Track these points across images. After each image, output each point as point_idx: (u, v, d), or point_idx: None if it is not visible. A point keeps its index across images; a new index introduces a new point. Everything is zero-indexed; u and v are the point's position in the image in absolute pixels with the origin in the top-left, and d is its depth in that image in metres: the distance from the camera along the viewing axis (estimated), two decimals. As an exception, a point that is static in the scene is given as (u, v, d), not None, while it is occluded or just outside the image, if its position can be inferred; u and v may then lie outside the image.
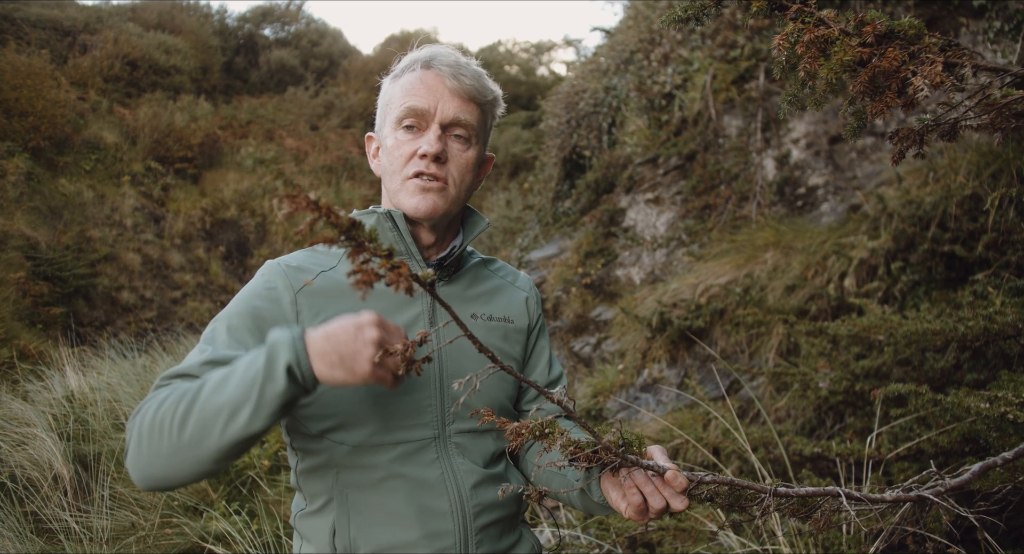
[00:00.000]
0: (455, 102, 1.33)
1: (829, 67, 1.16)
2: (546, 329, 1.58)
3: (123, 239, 13.08)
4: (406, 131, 1.34)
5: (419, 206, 1.32)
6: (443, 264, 1.39)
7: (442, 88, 1.33)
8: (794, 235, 4.76)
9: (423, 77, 1.34)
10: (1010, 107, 1.20)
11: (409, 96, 1.33)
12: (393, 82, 1.39)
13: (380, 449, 1.26)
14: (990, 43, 3.87)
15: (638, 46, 7.85)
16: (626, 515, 1.11)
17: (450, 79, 1.33)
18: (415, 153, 1.33)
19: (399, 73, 1.39)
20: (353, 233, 0.77)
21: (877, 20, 1.16)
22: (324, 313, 1.27)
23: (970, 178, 3.44)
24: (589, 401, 5.26)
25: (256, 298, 1.27)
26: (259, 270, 1.34)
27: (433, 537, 1.25)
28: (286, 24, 22.37)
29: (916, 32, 1.15)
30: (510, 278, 1.55)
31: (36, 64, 13.45)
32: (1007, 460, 1.62)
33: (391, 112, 1.37)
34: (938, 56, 1.12)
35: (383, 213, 1.35)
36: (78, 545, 3.87)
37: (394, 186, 1.36)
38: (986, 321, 2.15)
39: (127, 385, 6.64)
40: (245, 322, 1.24)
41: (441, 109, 1.33)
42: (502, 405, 1.40)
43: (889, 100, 1.16)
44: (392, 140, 1.36)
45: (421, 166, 1.32)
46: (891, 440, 2.66)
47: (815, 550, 2.35)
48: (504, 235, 11.50)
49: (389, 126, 1.37)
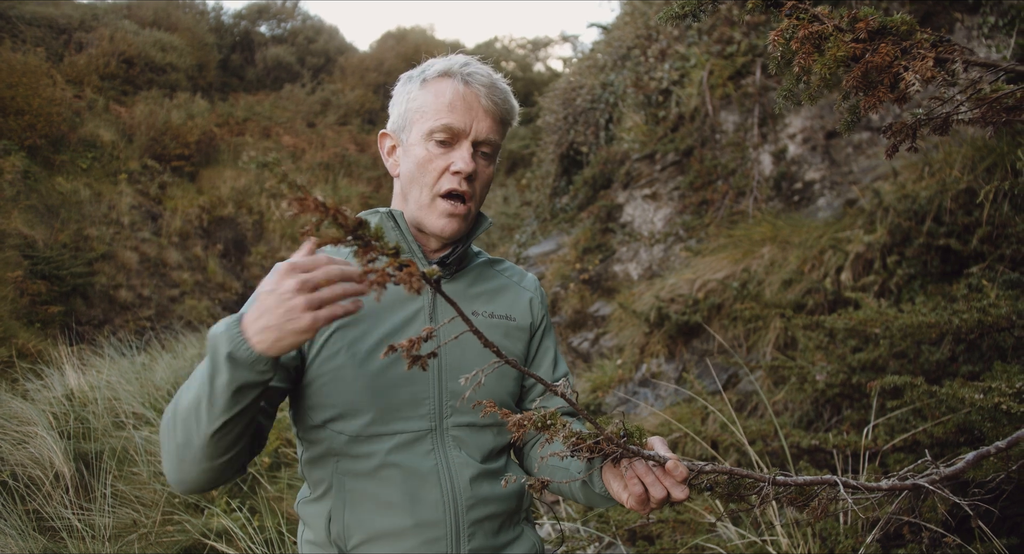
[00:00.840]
0: (488, 122, 1.37)
1: (823, 62, 1.18)
2: (552, 330, 1.60)
3: (120, 237, 13.07)
4: (439, 145, 1.36)
5: (445, 229, 1.37)
6: (445, 262, 1.41)
7: (478, 107, 1.36)
8: (791, 230, 4.79)
9: (462, 93, 1.35)
10: (1000, 101, 1.22)
11: (446, 110, 1.35)
12: (424, 87, 1.39)
13: (377, 439, 1.29)
14: (984, 38, 3.89)
15: (635, 42, 7.86)
16: (628, 505, 1.13)
17: (486, 99, 1.36)
18: (447, 169, 1.35)
19: (431, 78, 1.39)
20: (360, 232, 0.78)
21: (870, 17, 1.18)
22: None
23: (965, 172, 3.47)
24: (588, 396, 5.28)
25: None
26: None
27: (423, 526, 1.28)
28: (282, 21, 22.33)
29: (908, 28, 1.17)
30: (516, 278, 1.57)
31: (32, 62, 13.42)
32: (1000, 449, 1.65)
33: (423, 121, 1.37)
34: (929, 52, 1.14)
35: (385, 213, 1.39)
36: (80, 543, 3.89)
37: (422, 199, 1.38)
38: (980, 314, 2.18)
39: (126, 383, 6.66)
40: None
41: (476, 129, 1.36)
42: (503, 401, 1.42)
43: (882, 95, 1.18)
44: (424, 151, 1.37)
45: (454, 183, 1.35)
46: (887, 432, 2.69)
47: (813, 540, 2.38)
48: (502, 231, 11.52)
49: (419, 134, 1.38)
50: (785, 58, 1.26)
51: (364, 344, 1.31)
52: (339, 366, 1.29)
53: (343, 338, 1.31)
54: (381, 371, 1.30)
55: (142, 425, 5.57)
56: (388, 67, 21.08)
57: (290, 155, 17.79)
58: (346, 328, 1.31)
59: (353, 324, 1.32)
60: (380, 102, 20.69)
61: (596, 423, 1.10)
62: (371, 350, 1.31)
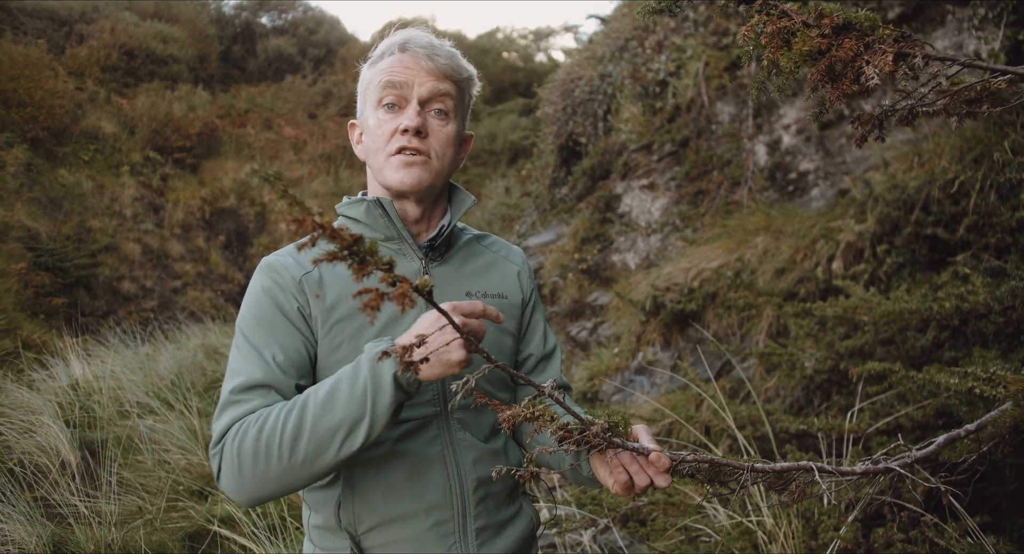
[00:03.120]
0: (431, 81, 1.37)
1: (789, 57, 1.23)
2: (540, 302, 1.61)
3: (123, 229, 13.15)
4: (387, 110, 1.38)
5: (404, 179, 1.36)
6: (434, 245, 1.43)
7: (418, 68, 1.37)
8: (784, 219, 4.84)
9: (400, 59, 1.38)
10: (960, 94, 1.27)
11: (387, 77, 1.37)
12: (371, 67, 1.43)
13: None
14: (975, 30, 3.93)
15: (632, 33, 7.88)
16: (612, 490, 1.17)
17: (425, 59, 1.37)
18: (396, 130, 1.36)
19: (376, 59, 1.42)
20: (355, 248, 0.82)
21: (835, 13, 1.24)
22: (329, 297, 1.33)
23: (953, 162, 3.51)
24: (585, 384, 5.35)
25: (267, 295, 1.33)
26: (255, 273, 1.39)
27: (432, 509, 1.31)
28: (283, 12, 22.28)
29: (871, 24, 1.22)
30: (503, 252, 1.59)
31: (33, 54, 13.45)
32: (970, 431, 1.71)
33: (371, 94, 1.41)
34: (890, 46, 1.19)
35: (372, 201, 1.39)
36: (87, 529, 3.96)
37: (378, 164, 1.40)
38: (958, 300, 2.24)
39: (131, 373, 6.74)
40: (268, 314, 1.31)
41: (419, 88, 1.37)
42: (501, 378, 1.45)
43: (846, 88, 1.24)
44: (374, 120, 1.39)
45: (403, 141, 1.36)
46: (872, 416, 2.75)
47: (796, 521, 2.45)
48: (503, 222, 11.56)
49: (370, 108, 1.41)
50: (756, 53, 1.31)
51: (365, 335, 1.32)
52: (342, 359, 1.30)
53: (343, 330, 1.32)
54: None
55: (146, 414, 5.64)
56: (389, 58, 21.01)
57: (292, 146, 17.82)
58: (345, 320, 1.32)
59: (351, 316, 1.33)
60: (381, 93, 20.66)
61: (582, 418, 1.14)
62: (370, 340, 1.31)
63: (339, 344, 1.31)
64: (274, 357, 1.26)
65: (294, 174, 16.98)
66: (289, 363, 1.27)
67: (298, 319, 1.31)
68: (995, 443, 1.74)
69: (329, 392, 1.16)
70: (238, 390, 1.24)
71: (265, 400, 1.23)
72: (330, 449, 1.15)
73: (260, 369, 1.25)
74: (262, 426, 1.17)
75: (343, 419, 1.14)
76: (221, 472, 1.21)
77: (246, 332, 1.30)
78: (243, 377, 1.24)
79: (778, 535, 2.42)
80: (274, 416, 1.17)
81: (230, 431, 1.21)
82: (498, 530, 1.40)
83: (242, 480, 1.18)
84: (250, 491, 1.19)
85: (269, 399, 1.23)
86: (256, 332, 1.29)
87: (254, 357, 1.26)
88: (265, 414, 1.19)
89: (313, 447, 1.15)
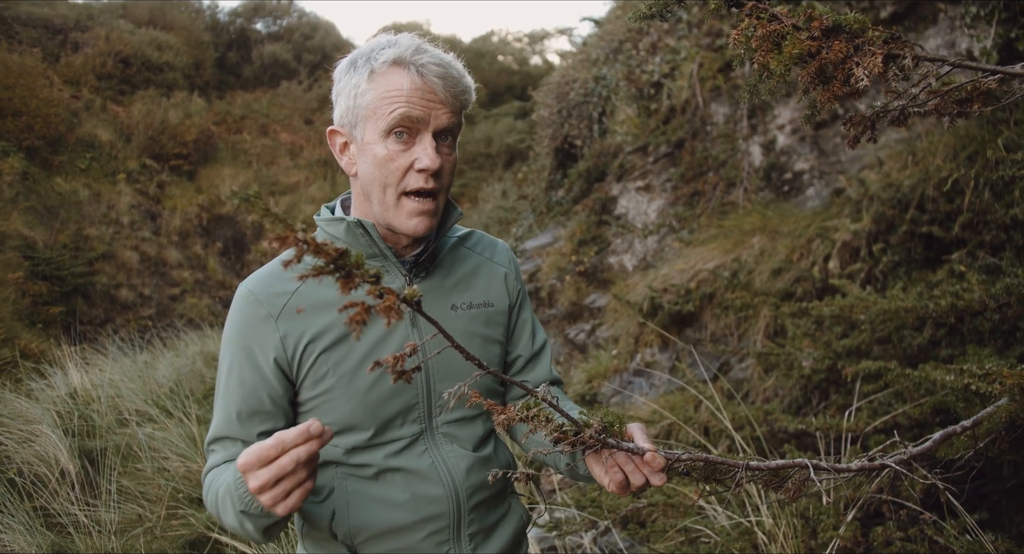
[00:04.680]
0: (447, 114, 1.29)
1: (779, 59, 1.24)
2: (528, 300, 1.59)
3: (120, 237, 13.14)
4: (397, 140, 1.28)
5: (417, 228, 1.31)
6: (419, 260, 1.38)
7: (435, 99, 1.27)
8: (780, 219, 4.85)
9: (417, 87, 1.26)
10: (950, 94, 1.28)
11: (399, 104, 1.25)
12: (373, 79, 1.28)
13: (374, 449, 1.34)
14: (967, 28, 3.94)
15: (627, 36, 7.90)
16: (608, 489, 1.18)
17: (443, 91, 1.27)
18: (411, 166, 1.28)
19: (379, 69, 1.27)
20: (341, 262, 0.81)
21: (824, 15, 1.25)
22: (310, 331, 1.31)
23: (947, 160, 3.53)
24: (584, 386, 5.35)
25: (242, 338, 1.33)
26: (233, 303, 1.36)
27: (428, 521, 1.33)
28: (278, 18, 22.31)
29: (860, 26, 1.23)
30: (488, 253, 1.53)
31: (28, 63, 13.46)
32: (966, 427, 1.71)
33: (377, 118, 1.28)
34: (880, 48, 1.20)
35: (353, 222, 1.32)
36: (87, 538, 3.96)
37: (383, 199, 1.31)
38: (953, 298, 2.25)
39: (129, 381, 6.72)
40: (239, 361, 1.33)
41: (435, 120, 1.28)
42: (489, 387, 1.45)
43: (836, 89, 1.25)
44: (384, 150, 1.28)
45: (420, 182, 1.28)
46: (870, 415, 2.76)
47: (795, 520, 2.45)
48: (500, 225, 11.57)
49: (375, 132, 1.29)
50: (747, 55, 1.32)
51: (348, 363, 1.31)
52: (328, 388, 1.31)
53: (328, 361, 1.31)
54: (370, 387, 1.31)
55: (145, 422, 5.64)
56: (384, 63, 21.03)
57: (288, 152, 17.83)
58: (330, 351, 1.31)
59: (336, 344, 1.31)
60: (377, 98, 20.68)
61: (575, 421, 1.14)
62: (356, 367, 1.31)
63: (324, 374, 1.31)
64: (239, 412, 1.31)
65: (291, 180, 17.00)
66: (252, 415, 1.32)
67: (270, 369, 1.31)
68: (991, 439, 1.74)
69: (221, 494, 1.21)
70: (210, 441, 1.35)
71: (227, 453, 1.31)
72: (243, 531, 1.20)
73: (225, 423, 1.32)
74: (207, 490, 1.28)
75: (234, 522, 1.20)
76: None
77: (221, 369, 1.36)
78: (213, 430, 1.34)
79: (777, 535, 2.43)
80: (209, 488, 1.28)
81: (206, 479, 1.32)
82: (489, 532, 1.42)
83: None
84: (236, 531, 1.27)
85: (231, 451, 1.31)
86: (227, 379, 1.34)
87: (221, 409, 1.33)
88: (210, 478, 1.29)
89: (231, 526, 1.22)
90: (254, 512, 1.12)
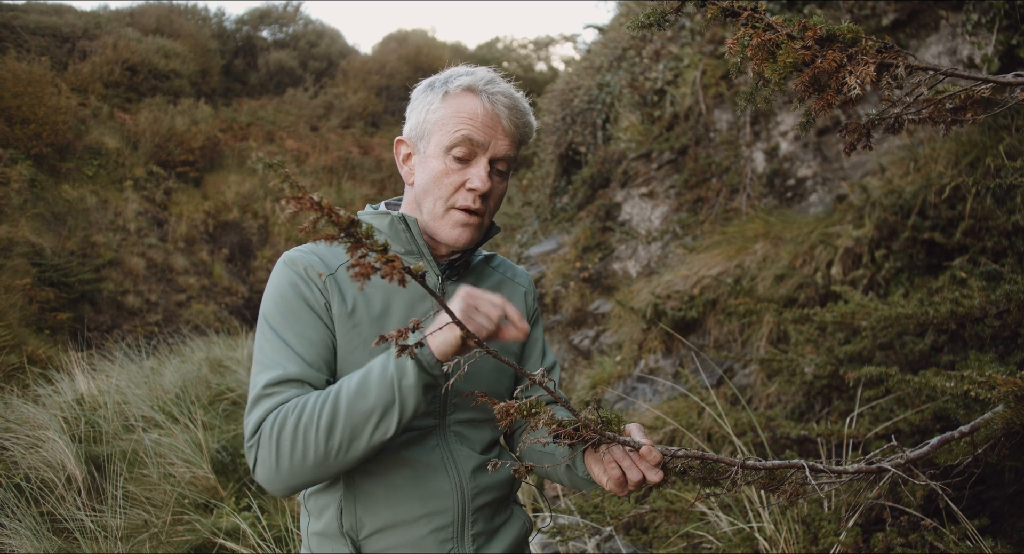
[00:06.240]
0: (506, 142, 1.39)
1: (774, 68, 1.26)
2: (540, 321, 1.66)
3: (127, 244, 13.22)
4: (456, 160, 1.38)
5: (459, 239, 1.39)
6: (454, 265, 1.46)
7: (498, 127, 1.38)
8: (783, 226, 4.86)
9: (485, 112, 1.37)
10: (944, 103, 1.30)
11: (465, 125, 1.36)
12: (446, 100, 1.39)
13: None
14: (968, 35, 3.95)
15: (630, 43, 7.93)
16: (607, 487, 1.21)
17: (507, 120, 1.38)
18: (463, 185, 1.38)
19: (454, 92, 1.39)
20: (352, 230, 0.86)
21: (819, 25, 1.26)
22: (348, 301, 1.36)
23: (948, 167, 3.53)
24: (588, 392, 5.36)
25: (292, 287, 1.34)
26: (281, 260, 1.39)
27: (433, 515, 1.35)
28: (284, 25, 22.45)
29: (853, 36, 1.24)
30: (509, 274, 1.63)
31: (37, 71, 13.57)
32: (964, 433, 1.72)
33: (442, 134, 1.38)
34: (873, 57, 1.22)
35: (398, 216, 1.42)
36: (93, 543, 3.97)
37: (433, 208, 1.40)
38: (953, 304, 2.25)
39: (135, 387, 6.75)
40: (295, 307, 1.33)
41: (494, 148, 1.38)
42: (499, 395, 1.48)
43: (830, 98, 1.26)
44: (441, 165, 1.38)
45: (469, 201, 1.37)
46: (871, 421, 2.77)
47: (797, 526, 2.46)
48: (505, 232, 11.60)
49: (437, 147, 1.39)
50: (744, 64, 1.34)
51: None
52: (357, 362, 1.34)
53: (359, 335, 1.35)
54: None
55: (151, 428, 5.66)
56: (390, 70, 21.18)
57: (294, 159, 17.91)
58: (361, 325, 1.36)
59: (366, 322, 1.36)
60: (383, 105, 20.79)
61: (574, 410, 1.17)
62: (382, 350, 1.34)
63: (354, 347, 1.34)
64: (305, 353, 1.29)
65: (296, 186, 17.01)
66: (319, 358, 1.31)
67: (324, 313, 1.33)
68: (990, 445, 1.75)
69: (361, 380, 1.20)
70: (272, 384, 1.26)
71: (299, 392, 1.25)
72: (364, 434, 1.18)
73: (294, 363, 1.28)
74: (300, 413, 1.20)
75: (375, 404, 1.18)
76: (258, 463, 1.23)
77: (274, 325, 1.32)
78: (278, 371, 1.27)
79: (779, 540, 2.43)
80: (311, 404, 1.20)
81: (267, 420, 1.22)
82: (492, 534, 1.44)
83: (279, 470, 1.21)
84: (285, 480, 1.22)
85: (303, 391, 1.26)
86: (285, 326, 1.31)
87: (286, 351, 1.29)
88: (302, 402, 1.21)
89: (348, 433, 1.18)
90: (426, 358, 1.16)
